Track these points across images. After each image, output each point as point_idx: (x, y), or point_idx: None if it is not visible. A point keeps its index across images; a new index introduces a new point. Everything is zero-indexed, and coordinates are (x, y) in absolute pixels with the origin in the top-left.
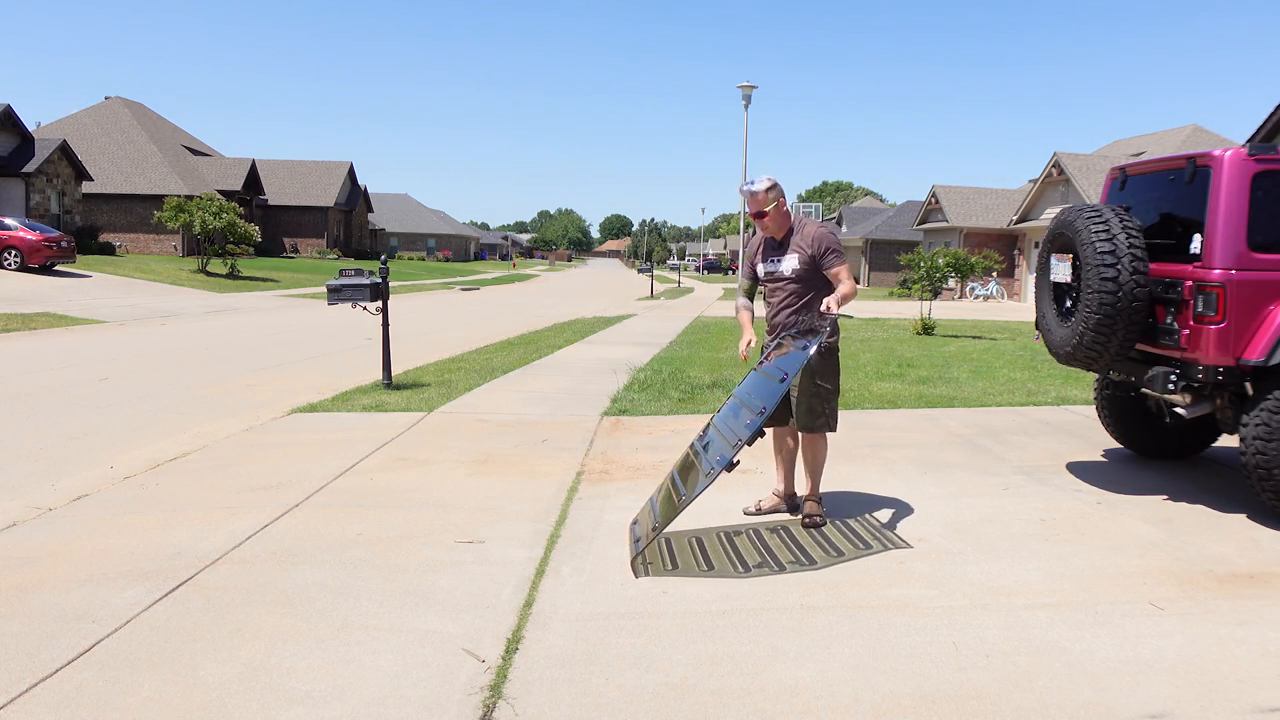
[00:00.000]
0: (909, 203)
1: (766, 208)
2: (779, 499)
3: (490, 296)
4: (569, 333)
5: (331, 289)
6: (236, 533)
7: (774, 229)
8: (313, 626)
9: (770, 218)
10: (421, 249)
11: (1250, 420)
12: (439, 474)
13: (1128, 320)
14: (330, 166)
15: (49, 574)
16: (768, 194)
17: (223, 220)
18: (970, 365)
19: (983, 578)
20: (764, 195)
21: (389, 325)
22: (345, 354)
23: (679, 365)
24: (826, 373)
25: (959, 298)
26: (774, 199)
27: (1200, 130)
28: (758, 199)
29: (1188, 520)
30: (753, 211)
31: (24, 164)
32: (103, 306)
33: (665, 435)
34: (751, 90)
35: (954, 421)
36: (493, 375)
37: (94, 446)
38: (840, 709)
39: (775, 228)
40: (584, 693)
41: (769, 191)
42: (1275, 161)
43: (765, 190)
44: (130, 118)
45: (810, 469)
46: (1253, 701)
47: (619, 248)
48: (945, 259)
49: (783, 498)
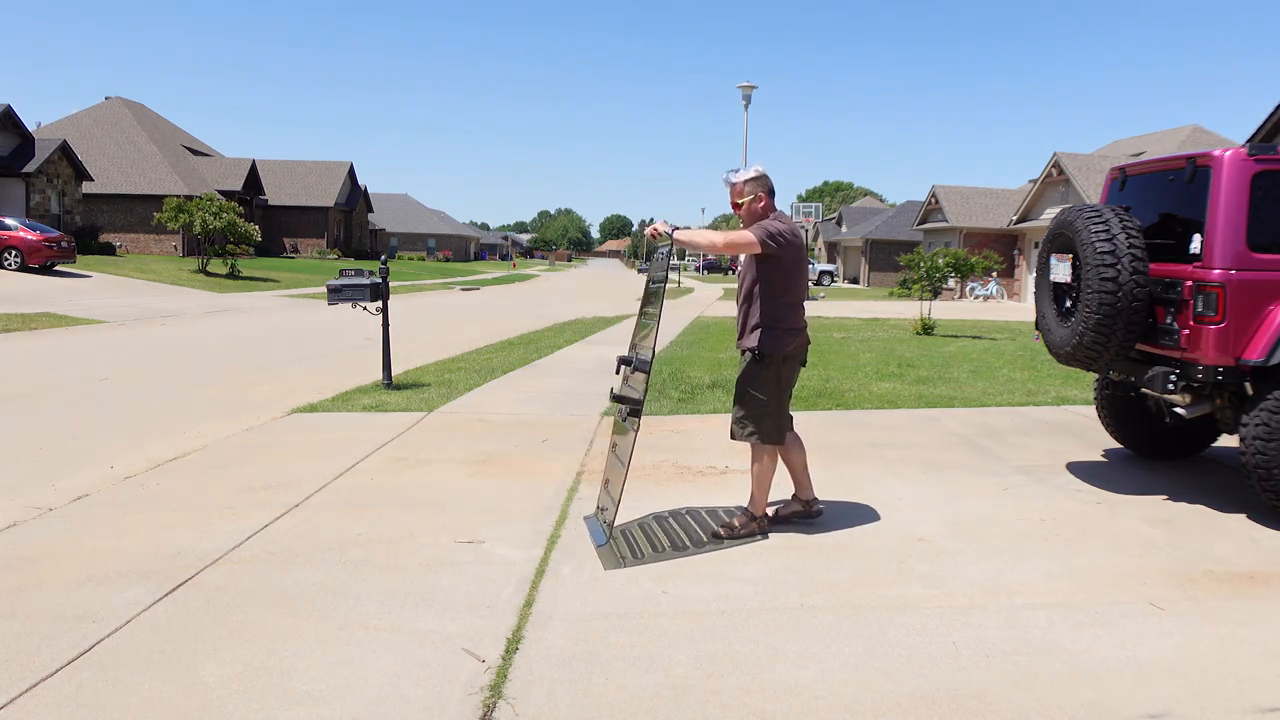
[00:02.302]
0: (909, 203)
1: (740, 200)
2: (800, 505)
3: (490, 296)
4: (569, 333)
5: (331, 289)
6: (236, 533)
7: (746, 219)
8: (313, 626)
9: (743, 212)
10: (421, 249)
11: (1250, 420)
12: (439, 474)
13: (1127, 320)
14: (330, 166)
15: (49, 574)
16: (745, 186)
17: (223, 220)
18: (970, 365)
19: (983, 578)
20: (740, 187)
21: (389, 325)
22: (345, 354)
23: (679, 365)
24: (760, 383)
25: (959, 298)
26: (750, 192)
27: (1200, 130)
28: (734, 189)
29: (1188, 520)
30: (731, 203)
31: (24, 164)
32: (103, 307)
33: (665, 435)
34: (751, 90)
35: (954, 421)
36: (493, 375)
37: (94, 446)
38: (840, 709)
39: (747, 218)
40: (584, 693)
41: (747, 184)
42: (1275, 161)
43: (743, 182)
44: (130, 118)
45: (753, 478)
46: (1253, 701)
47: (619, 248)
48: (945, 259)
49: (802, 503)
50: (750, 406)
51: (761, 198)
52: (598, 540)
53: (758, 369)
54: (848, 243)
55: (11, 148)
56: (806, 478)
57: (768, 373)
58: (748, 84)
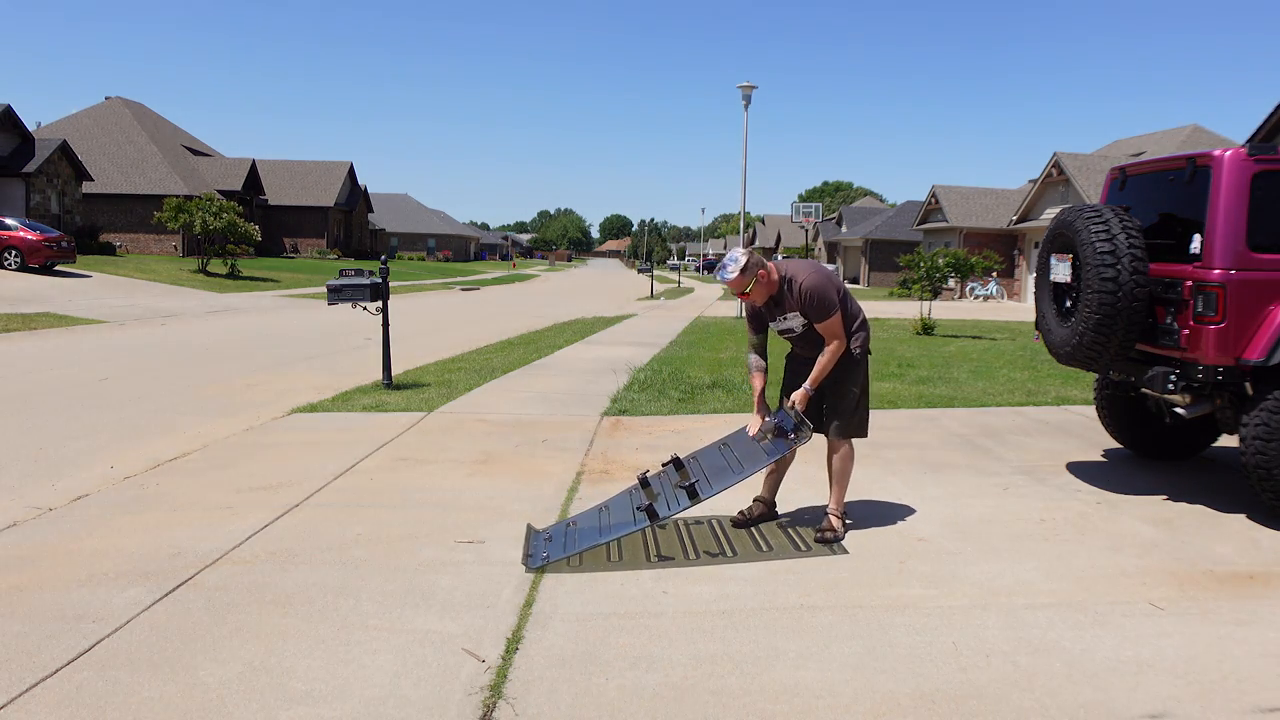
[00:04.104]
0: (909, 203)
1: (747, 289)
2: (765, 506)
3: (490, 296)
4: (569, 333)
5: (332, 289)
6: (236, 533)
7: (762, 298)
8: (313, 626)
9: (755, 293)
10: (421, 249)
11: (1250, 420)
12: (439, 474)
13: (1127, 320)
14: (330, 166)
15: (49, 574)
16: (743, 277)
17: (223, 220)
18: (970, 365)
19: (983, 578)
20: (739, 279)
21: (389, 325)
22: (345, 354)
23: (679, 365)
24: (857, 377)
25: (959, 298)
26: (750, 278)
27: (1200, 130)
28: (735, 284)
29: (1188, 520)
30: (737, 293)
31: (24, 164)
32: (103, 306)
33: (665, 435)
34: (751, 90)
35: (954, 421)
36: (493, 375)
37: (94, 446)
38: (840, 709)
39: (762, 296)
40: (584, 692)
41: (743, 274)
42: (1275, 161)
43: (738, 275)
44: (130, 118)
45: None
46: (1253, 701)
47: (619, 248)
48: (945, 259)
49: (768, 504)
50: (854, 401)
51: (762, 274)
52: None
53: (855, 368)
54: (848, 243)
55: (11, 148)
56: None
57: (861, 369)
58: (748, 84)
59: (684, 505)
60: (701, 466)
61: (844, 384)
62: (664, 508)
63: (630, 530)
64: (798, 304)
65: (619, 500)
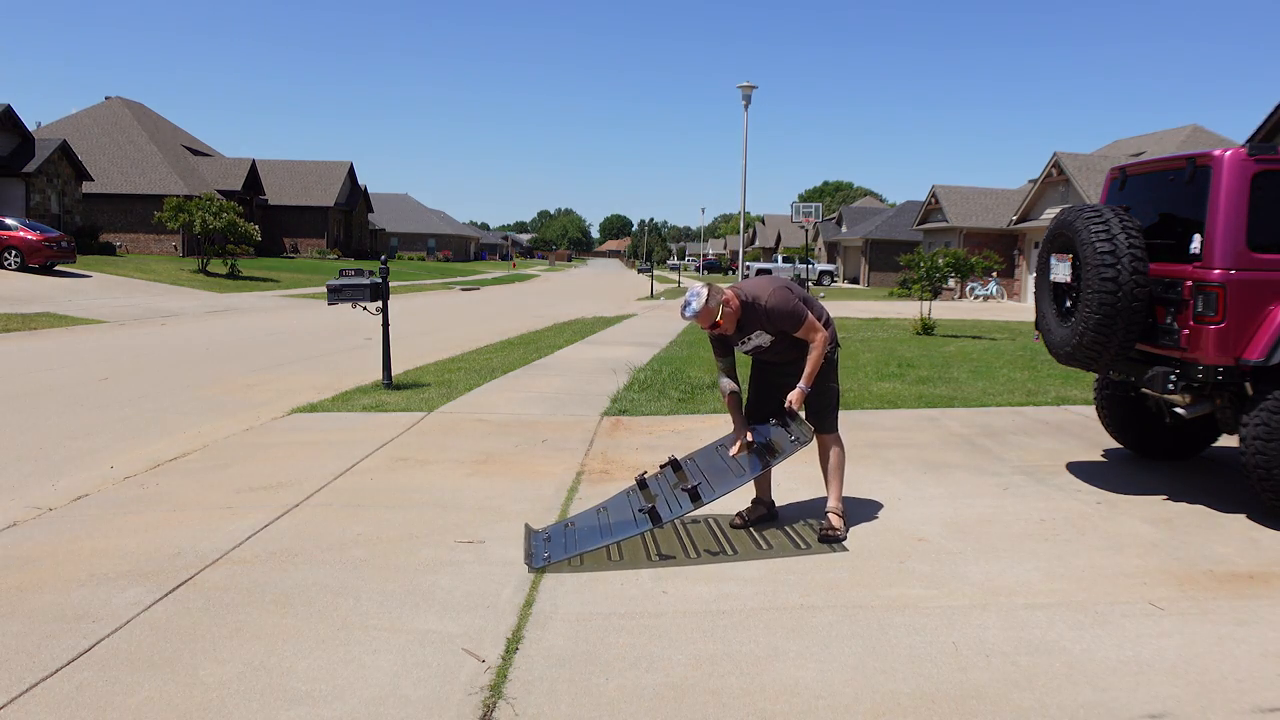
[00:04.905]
0: (909, 203)
1: (718, 318)
2: (765, 508)
3: (490, 296)
4: (569, 333)
5: (331, 289)
6: (236, 533)
7: (733, 324)
8: (313, 626)
9: (726, 322)
10: (421, 249)
11: (1250, 420)
12: (439, 474)
13: (1127, 320)
14: (330, 166)
15: (49, 574)
16: (709, 307)
17: (223, 220)
18: (970, 365)
19: (983, 578)
20: (706, 310)
21: (389, 325)
22: (345, 354)
23: (679, 365)
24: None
25: (959, 298)
26: (716, 309)
27: (1200, 130)
28: (704, 315)
29: (1188, 520)
30: (706, 326)
31: (24, 164)
32: (103, 307)
33: (665, 435)
34: (751, 90)
35: (954, 421)
36: (493, 375)
37: (94, 446)
38: (840, 709)
39: (733, 323)
40: (584, 692)
41: (708, 305)
42: (1275, 161)
43: (704, 307)
44: (130, 118)
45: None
46: (1253, 701)
47: (619, 248)
48: (945, 259)
49: (767, 506)
50: (834, 396)
51: (726, 304)
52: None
53: (830, 366)
54: (848, 243)
55: (11, 148)
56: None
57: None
58: (748, 84)
59: (686, 508)
60: (700, 468)
61: (823, 381)
62: (666, 510)
63: (632, 533)
64: (766, 322)
65: (617, 501)
